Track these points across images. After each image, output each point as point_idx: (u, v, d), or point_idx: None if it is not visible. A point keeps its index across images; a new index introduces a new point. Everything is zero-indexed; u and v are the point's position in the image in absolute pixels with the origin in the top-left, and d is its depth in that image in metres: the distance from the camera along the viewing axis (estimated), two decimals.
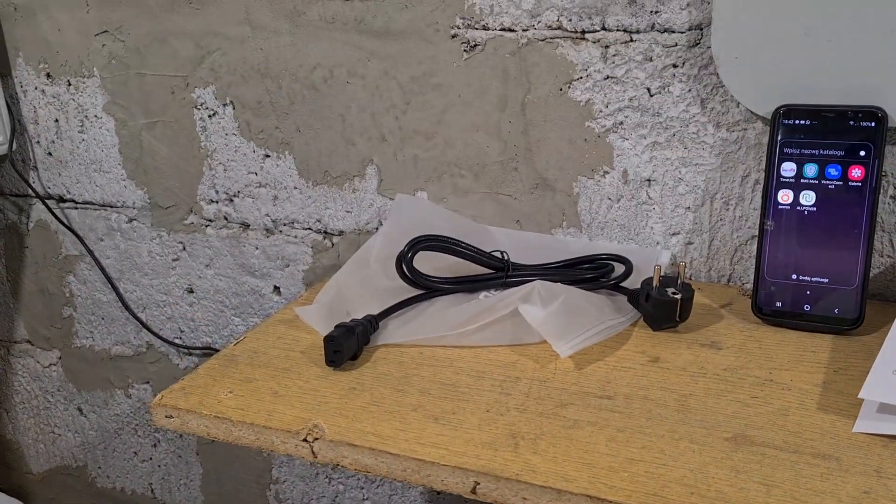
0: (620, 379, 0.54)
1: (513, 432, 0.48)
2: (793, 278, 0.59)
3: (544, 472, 0.45)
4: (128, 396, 1.04)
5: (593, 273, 0.66)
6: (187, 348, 0.97)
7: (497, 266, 0.67)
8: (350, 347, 0.57)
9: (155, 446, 1.06)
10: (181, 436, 1.03)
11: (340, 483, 0.95)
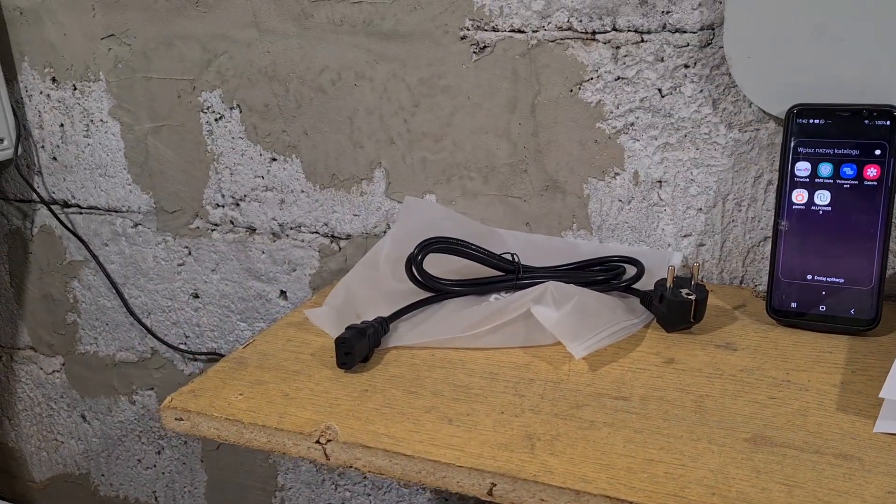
0: (635, 380, 0.53)
1: (528, 433, 0.48)
2: (808, 279, 0.58)
3: (562, 474, 0.44)
4: (132, 403, 1.03)
5: (605, 275, 0.65)
6: (192, 354, 0.96)
7: (508, 268, 0.66)
8: (361, 349, 0.57)
9: (159, 453, 1.05)
10: (186, 442, 1.02)
11: (347, 490, 0.94)
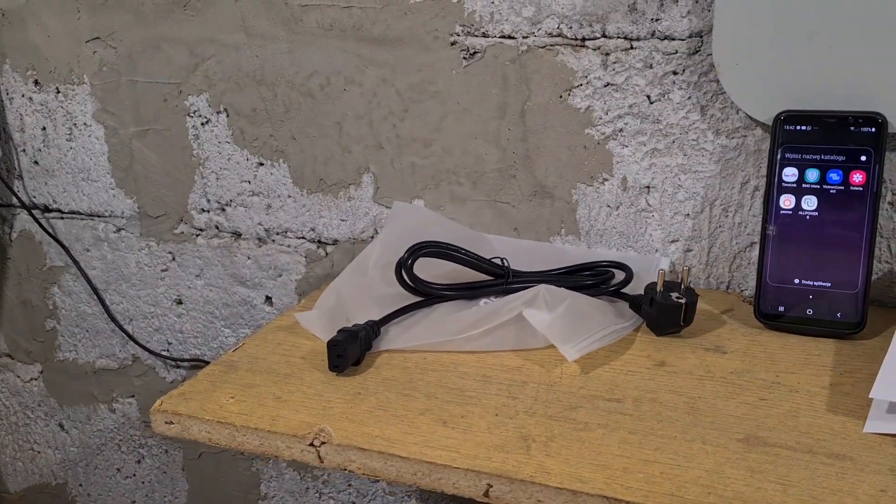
0: (628, 382, 0.54)
1: (523, 435, 0.48)
2: (795, 283, 0.59)
3: (558, 474, 0.44)
4: (112, 411, 1.02)
5: (593, 279, 0.66)
6: (175, 361, 0.95)
7: (497, 273, 0.66)
8: (353, 352, 0.56)
9: (139, 462, 1.03)
10: (167, 451, 1.01)
11: (331, 497, 0.93)
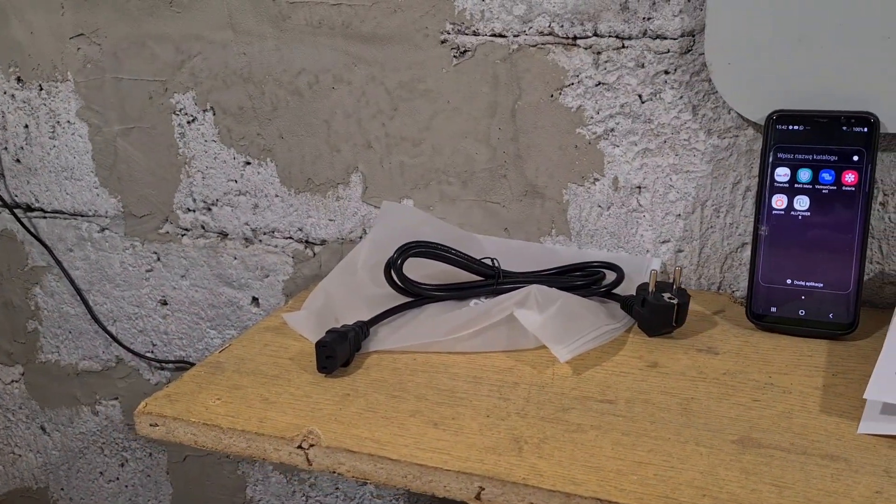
0: (620, 384, 0.53)
1: (515, 437, 0.47)
2: (787, 283, 0.59)
3: (551, 476, 0.43)
4: (94, 414, 1.00)
5: (584, 280, 0.65)
6: (159, 362, 0.94)
7: (488, 273, 0.66)
8: (342, 353, 0.55)
9: (122, 466, 1.02)
10: (150, 454, 0.99)
11: (318, 501, 0.92)
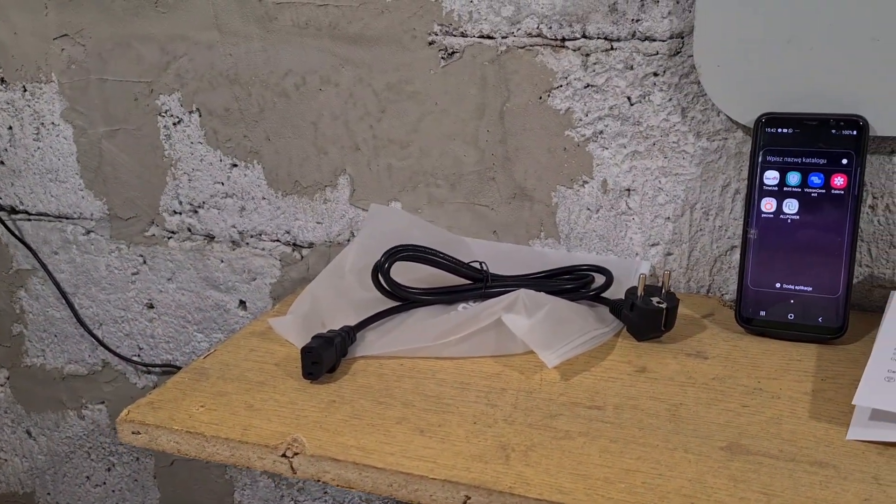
0: (608, 389, 0.53)
1: (502, 444, 0.47)
2: (776, 287, 0.58)
3: (538, 485, 0.43)
4: (81, 418, 0.99)
5: (573, 284, 0.65)
6: (146, 366, 0.93)
7: (476, 277, 0.65)
8: (328, 359, 0.55)
9: (109, 470, 1.01)
10: (137, 458, 0.99)
11: None
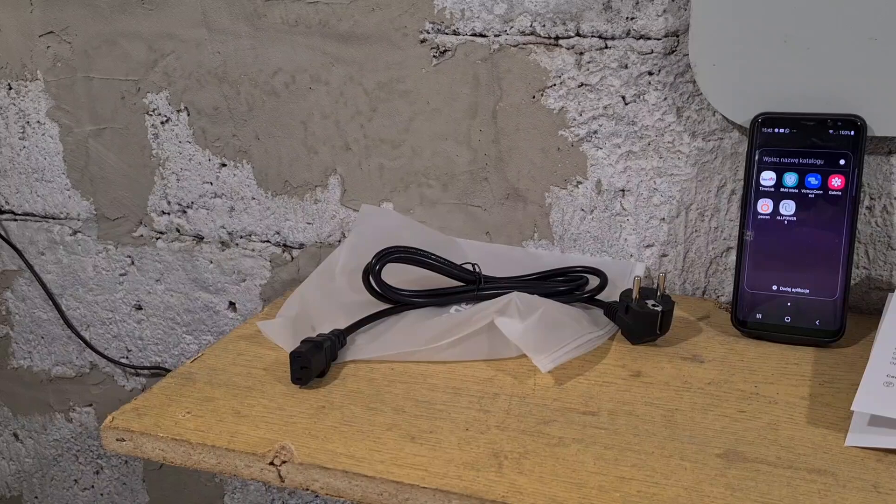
0: (603, 394, 0.52)
1: (495, 451, 0.46)
2: (773, 289, 0.57)
3: (531, 494, 0.42)
4: (68, 420, 0.98)
5: (567, 286, 0.64)
6: (134, 368, 0.91)
7: (469, 279, 0.64)
8: (318, 364, 0.54)
9: (97, 473, 1.00)
10: (126, 462, 0.97)
11: None
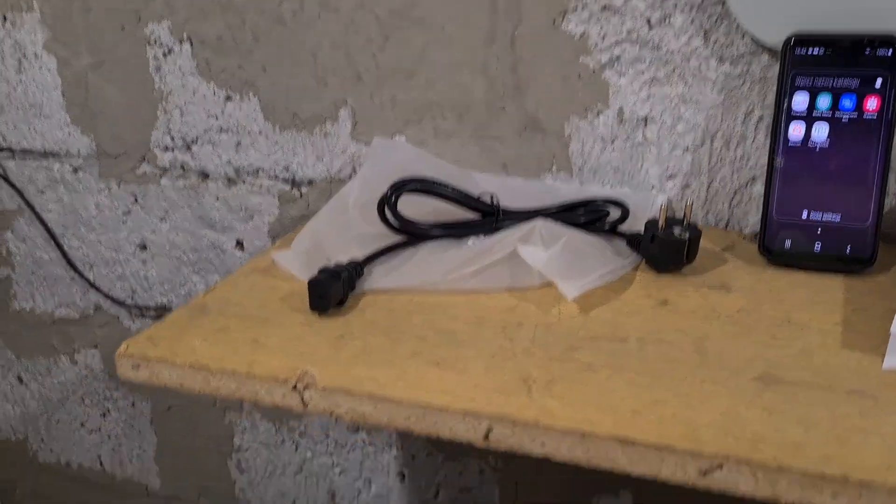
0: (630, 323, 0.51)
1: (524, 377, 0.44)
2: (803, 217, 0.56)
3: (564, 417, 0.41)
4: (73, 363, 0.97)
5: (588, 217, 0.62)
6: (140, 309, 0.90)
7: (486, 211, 0.62)
8: (336, 293, 0.52)
9: (104, 416, 0.99)
10: (133, 404, 0.96)
11: (308, 450, 0.90)
